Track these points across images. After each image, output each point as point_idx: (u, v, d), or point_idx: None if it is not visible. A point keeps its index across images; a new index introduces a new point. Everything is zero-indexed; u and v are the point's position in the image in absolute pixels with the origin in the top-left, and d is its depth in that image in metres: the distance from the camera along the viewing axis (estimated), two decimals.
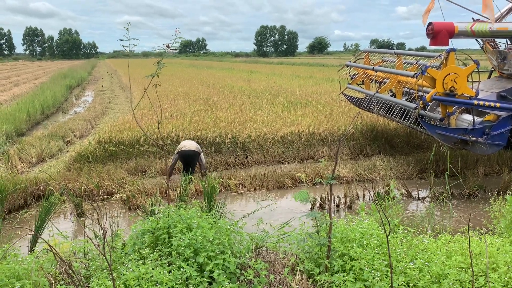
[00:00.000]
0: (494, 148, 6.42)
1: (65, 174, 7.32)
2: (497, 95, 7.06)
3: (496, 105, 6.44)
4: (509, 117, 6.46)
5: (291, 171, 7.75)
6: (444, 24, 6.48)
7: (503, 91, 7.11)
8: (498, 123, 6.43)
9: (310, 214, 3.64)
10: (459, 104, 6.61)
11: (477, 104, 6.38)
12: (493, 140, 6.43)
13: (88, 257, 3.70)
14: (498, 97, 7.02)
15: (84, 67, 50.38)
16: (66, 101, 19.73)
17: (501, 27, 6.46)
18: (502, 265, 3.36)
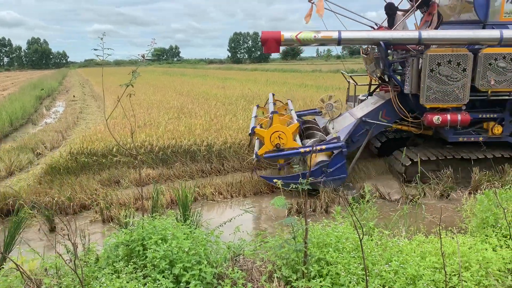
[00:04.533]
0: (338, 181, 7.01)
1: (36, 188, 7.13)
2: (359, 121, 7.50)
3: (322, 147, 7.08)
4: (340, 153, 6.98)
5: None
6: (271, 33, 6.87)
7: (365, 115, 7.58)
8: (332, 161, 6.99)
9: (287, 220, 3.64)
10: (288, 156, 7.25)
11: (303, 152, 7.06)
12: (334, 175, 6.96)
13: (60, 273, 3.59)
14: (360, 123, 7.49)
15: (54, 77, 49.38)
16: (36, 112, 19.25)
17: (325, 35, 6.79)
18: (474, 263, 3.43)
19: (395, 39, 6.90)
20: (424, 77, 6.79)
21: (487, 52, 6.71)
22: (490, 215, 4.41)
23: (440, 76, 6.75)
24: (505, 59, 6.66)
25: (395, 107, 7.42)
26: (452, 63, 6.71)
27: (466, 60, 6.69)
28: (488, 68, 6.73)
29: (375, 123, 7.52)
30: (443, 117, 6.94)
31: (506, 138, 7.27)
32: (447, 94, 6.82)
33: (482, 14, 7.16)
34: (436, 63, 6.72)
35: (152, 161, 8.50)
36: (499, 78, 6.75)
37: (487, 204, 4.53)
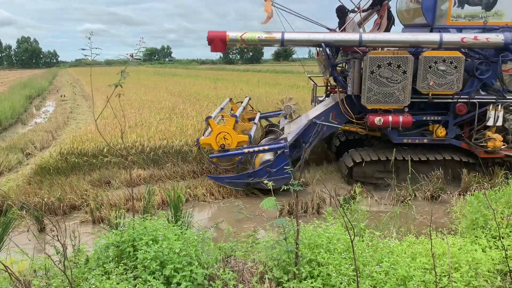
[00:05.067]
0: (283, 181, 6.93)
1: (25, 188, 7.06)
2: (310, 122, 7.58)
3: (265, 148, 7.31)
4: (282, 153, 7.13)
5: None
6: (217, 33, 7.04)
7: (316, 117, 7.66)
8: (276, 161, 7.14)
9: (278, 221, 3.64)
10: (233, 156, 7.47)
11: (247, 152, 7.26)
12: (278, 175, 7.10)
13: (50, 274, 3.55)
14: (311, 125, 7.57)
15: (44, 77, 48.93)
16: (25, 112, 19.06)
17: (268, 36, 6.94)
18: (464, 264, 3.46)
19: (336, 41, 7.04)
20: (365, 78, 6.91)
21: (427, 55, 6.83)
22: (480, 216, 4.45)
23: (381, 78, 6.87)
24: (445, 62, 6.76)
25: (341, 108, 7.52)
26: (393, 65, 6.82)
27: (407, 63, 6.81)
28: (428, 71, 6.82)
29: (326, 125, 7.59)
30: (384, 118, 7.06)
31: (450, 141, 7.34)
32: (388, 95, 6.94)
33: (429, 17, 7.28)
34: (376, 65, 6.84)
35: (143, 162, 8.46)
36: (439, 81, 6.85)
37: (476, 206, 4.57)
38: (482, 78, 6.99)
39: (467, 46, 6.78)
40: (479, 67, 6.97)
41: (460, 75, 6.79)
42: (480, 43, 6.71)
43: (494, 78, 7.03)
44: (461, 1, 7.14)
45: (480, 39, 6.65)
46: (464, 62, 6.87)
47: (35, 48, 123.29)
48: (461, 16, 7.21)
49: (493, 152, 7.04)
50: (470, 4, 7.15)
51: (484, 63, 6.96)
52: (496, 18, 7.15)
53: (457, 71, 6.76)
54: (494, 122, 7.01)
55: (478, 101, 7.08)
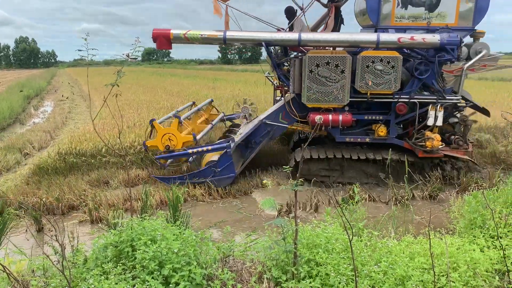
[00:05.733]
0: (227, 180, 7.29)
1: (23, 188, 7.04)
2: (259, 122, 7.72)
3: (208, 148, 7.41)
4: (225, 153, 7.20)
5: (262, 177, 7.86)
6: (161, 31, 7.26)
7: (266, 117, 7.77)
8: (220, 161, 7.20)
9: (276, 221, 3.64)
10: (178, 156, 7.61)
11: (191, 153, 7.39)
12: (222, 174, 7.22)
13: (48, 274, 3.55)
14: (261, 125, 7.71)
15: (43, 77, 48.83)
16: (24, 112, 19.02)
17: (211, 34, 7.13)
18: (462, 264, 3.47)
19: (276, 40, 7.20)
20: (305, 77, 7.04)
21: (364, 55, 6.93)
22: (478, 216, 4.46)
23: (320, 77, 7.01)
24: (382, 62, 6.86)
25: (286, 107, 7.61)
26: (331, 65, 6.95)
27: (345, 62, 6.93)
28: (366, 70, 6.92)
29: (276, 125, 7.70)
30: (325, 117, 7.20)
31: (392, 140, 7.42)
32: (327, 94, 7.08)
33: (374, 18, 7.39)
34: (315, 64, 6.96)
35: (141, 162, 8.45)
36: (376, 80, 6.95)
37: (474, 205, 4.58)
38: (421, 78, 7.09)
39: (404, 46, 6.88)
40: (418, 67, 7.07)
41: (398, 75, 6.91)
42: (416, 43, 6.80)
43: (434, 78, 7.13)
44: (404, 2, 7.24)
45: (416, 39, 6.74)
46: (405, 62, 7.08)
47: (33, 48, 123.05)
48: (405, 17, 7.32)
49: (432, 152, 7.12)
50: (413, 5, 7.26)
51: (423, 63, 7.06)
52: (440, 19, 7.25)
53: (395, 70, 6.88)
54: (434, 122, 7.10)
55: (419, 101, 7.20)
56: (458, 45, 6.73)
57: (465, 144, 7.29)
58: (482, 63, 7.31)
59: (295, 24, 8.11)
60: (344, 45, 7.19)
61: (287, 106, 7.58)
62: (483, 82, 28.74)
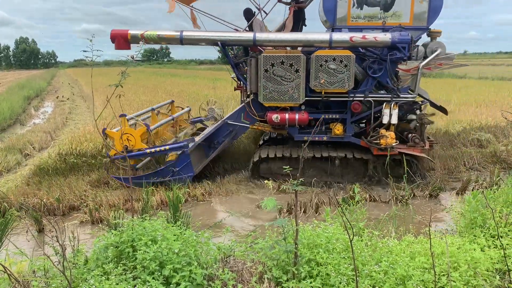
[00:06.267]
0: (186, 179, 7.32)
1: (24, 189, 7.04)
2: (222, 123, 7.77)
3: (166, 148, 7.41)
4: (183, 153, 7.25)
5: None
6: (119, 31, 7.31)
7: (228, 117, 7.84)
8: (178, 160, 7.25)
9: (277, 221, 3.64)
10: (136, 156, 7.60)
11: (149, 152, 7.41)
12: (181, 174, 7.27)
13: (49, 275, 3.55)
14: (224, 125, 7.76)
15: (43, 77, 48.86)
16: (24, 113, 19.03)
17: (168, 34, 7.20)
18: (462, 264, 3.47)
19: (232, 40, 7.28)
20: (261, 77, 7.13)
21: (318, 54, 7.00)
22: (478, 215, 4.46)
23: (275, 76, 7.10)
24: (335, 61, 6.94)
25: (246, 107, 7.66)
26: (285, 64, 7.03)
27: (299, 62, 7.01)
28: (320, 69, 6.99)
29: (238, 125, 7.74)
30: (281, 116, 7.28)
31: (349, 138, 7.48)
32: (282, 93, 7.17)
33: (331, 18, 7.45)
34: (270, 63, 7.05)
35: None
36: (330, 79, 7.02)
37: (475, 205, 4.58)
38: (375, 76, 7.16)
39: (357, 45, 6.94)
40: (372, 66, 7.14)
41: (351, 74, 6.98)
42: (368, 42, 6.87)
43: (387, 77, 7.18)
44: (360, 2, 7.31)
45: (368, 38, 6.81)
46: (362, 62, 7.18)
47: (33, 48, 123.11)
48: (361, 17, 7.39)
49: (386, 149, 7.15)
50: (368, 5, 7.32)
51: (376, 62, 7.13)
52: (395, 19, 7.32)
53: (348, 69, 6.96)
54: (388, 120, 7.16)
55: (374, 99, 7.28)
56: (409, 44, 6.83)
57: (421, 142, 7.35)
58: (438, 61, 7.39)
59: (254, 25, 8.15)
60: (299, 44, 7.30)
61: (247, 106, 7.65)
62: (483, 81, 28.74)
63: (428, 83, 26.16)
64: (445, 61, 7.36)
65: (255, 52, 7.77)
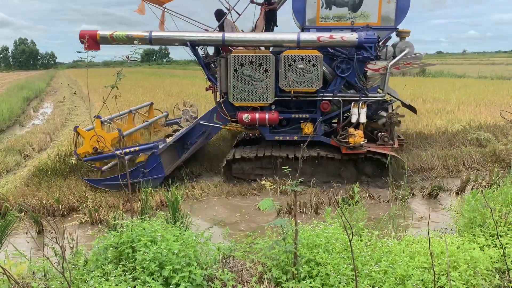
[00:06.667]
0: (157, 181, 7.24)
1: (23, 190, 7.03)
2: (195, 123, 7.82)
3: (136, 149, 7.33)
4: (152, 154, 7.15)
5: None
6: (88, 31, 7.34)
7: (201, 118, 7.88)
8: (148, 161, 7.18)
9: (277, 221, 3.64)
10: (105, 158, 7.50)
11: (119, 154, 7.27)
12: (151, 175, 7.18)
13: (48, 276, 3.55)
14: (196, 126, 7.81)
15: (42, 78, 48.82)
16: (23, 114, 19.01)
17: (136, 35, 7.19)
18: (462, 263, 3.47)
19: (201, 40, 7.31)
20: (230, 77, 7.18)
21: (286, 54, 7.05)
22: (478, 215, 4.46)
23: (244, 76, 7.16)
24: (303, 60, 6.99)
25: (218, 108, 7.69)
26: (254, 64, 7.09)
27: (268, 62, 7.07)
28: (288, 69, 7.05)
29: (211, 126, 7.78)
30: (252, 115, 7.33)
31: (320, 138, 7.53)
32: (252, 93, 7.22)
33: (300, 19, 7.51)
34: (239, 63, 7.10)
35: None
36: (299, 79, 7.07)
37: (474, 204, 4.58)
38: (343, 76, 7.23)
39: (324, 44, 6.98)
40: (340, 66, 7.21)
41: (319, 73, 7.03)
42: (335, 42, 6.92)
43: (355, 76, 7.24)
44: (328, 2, 7.36)
45: (335, 38, 6.87)
46: (331, 62, 7.24)
47: (32, 49, 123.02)
48: (330, 17, 7.45)
49: (355, 148, 7.21)
50: (337, 5, 7.38)
51: (344, 62, 7.19)
52: (363, 19, 7.40)
53: (316, 69, 7.02)
54: (357, 118, 7.25)
55: (342, 98, 7.35)
56: (375, 43, 6.89)
57: (390, 140, 7.40)
58: (406, 61, 7.42)
59: (225, 25, 8.17)
60: (267, 44, 7.34)
61: (218, 107, 7.68)
62: (482, 80, 28.75)
63: (427, 82, 26.21)
64: (413, 60, 7.42)
65: (226, 52, 7.78)
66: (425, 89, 21.49)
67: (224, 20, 8.20)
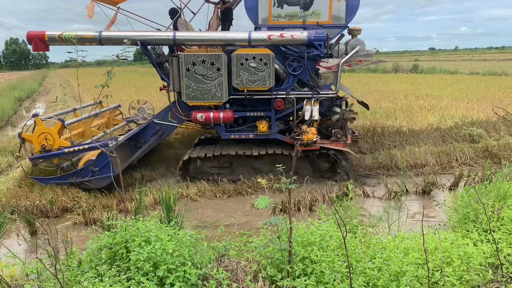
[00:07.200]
0: (105, 180, 7.12)
1: (16, 191, 6.99)
2: (148, 122, 7.81)
3: (85, 147, 7.26)
4: (102, 152, 7.04)
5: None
6: (36, 32, 7.27)
7: (155, 116, 7.89)
8: (97, 160, 7.11)
9: (271, 220, 3.64)
10: (54, 156, 7.38)
11: (67, 152, 7.30)
12: (101, 174, 7.11)
13: (42, 278, 3.52)
14: (150, 124, 7.78)
15: (34, 78, 48.46)
16: (15, 114, 18.87)
17: (86, 35, 7.20)
18: (456, 259, 3.49)
19: (152, 40, 7.29)
20: (183, 76, 7.17)
21: (238, 53, 7.09)
22: (471, 210, 4.48)
23: (197, 75, 7.16)
24: (255, 59, 7.04)
25: (172, 107, 7.68)
26: (206, 63, 7.10)
27: (220, 60, 7.09)
28: (241, 68, 7.09)
29: (166, 124, 7.76)
30: (206, 114, 7.35)
31: (275, 135, 7.61)
32: (205, 92, 7.24)
33: (253, 18, 7.56)
34: (191, 62, 7.10)
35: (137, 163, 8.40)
36: (251, 77, 7.11)
37: (467, 200, 4.61)
38: (295, 74, 7.32)
39: (275, 43, 7.05)
40: (291, 64, 7.30)
41: (271, 71, 7.08)
42: (286, 40, 7.00)
43: (307, 74, 7.33)
44: (280, 1, 7.42)
45: (285, 36, 6.95)
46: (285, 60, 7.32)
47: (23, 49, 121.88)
48: (282, 16, 7.50)
49: (308, 145, 7.30)
50: (288, 4, 7.43)
51: (296, 60, 7.29)
52: (314, 17, 7.47)
53: (268, 67, 7.06)
54: (310, 116, 7.32)
55: (295, 96, 7.43)
56: (325, 41, 6.98)
57: (343, 137, 7.50)
58: (357, 58, 7.50)
59: (179, 24, 8.16)
60: (219, 43, 7.33)
61: (173, 106, 7.67)
62: (474, 76, 28.92)
63: (420, 79, 26.32)
64: (364, 57, 7.50)
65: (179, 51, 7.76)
66: (418, 86, 21.59)
67: (177, 19, 8.18)
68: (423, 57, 72.70)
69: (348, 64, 7.43)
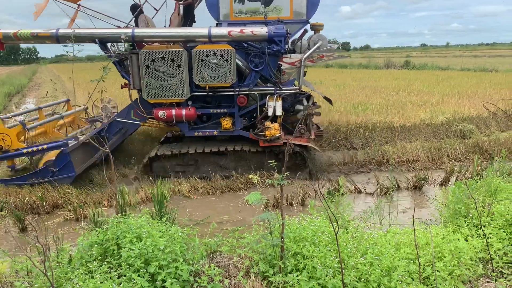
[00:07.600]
0: (67, 179, 6.99)
1: (5, 188, 6.91)
2: (111, 120, 7.74)
3: (43, 147, 7.07)
4: (61, 152, 6.90)
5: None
6: None
7: (117, 114, 7.83)
8: (57, 159, 6.94)
9: (263, 215, 3.63)
10: (12, 157, 7.30)
11: (26, 153, 7.17)
12: (62, 174, 6.97)
13: (32, 275, 3.49)
14: (113, 123, 7.72)
15: (24, 73, 47.97)
16: (5, 110, 18.64)
17: (42, 33, 7.08)
18: (447, 253, 3.51)
19: (109, 37, 7.19)
20: (142, 73, 7.09)
21: (199, 49, 7.05)
22: (462, 206, 4.52)
23: (157, 72, 7.08)
24: (216, 55, 7.02)
25: (134, 105, 7.62)
26: (166, 59, 7.03)
27: (180, 57, 7.02)
28: (202, 64, 7.05)
29: (128, 122, 7.70)
30: (168, 112, 7.28)
31: (238, 132, 7.60)
32: (166, 89, 7.17)
33: (214, 14, 7.55)
34: (151, 59, 7.03)
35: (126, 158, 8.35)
36: (213, 73, 7.10)
37: (458, 195, 4.64)
38: (257, 70, 7.32)
39: (236, 39, 7.02)
40: (253, 60, 7.29)
41: (233, 68, 7.06)
42: (246, 36, 6.97)
43: (269, 70, 7.34)
44: None
45: (245, 32, 6.92)
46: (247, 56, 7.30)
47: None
48: (243, 12, 7.51)
49: (271, 141, 7.32)
50: (250, 0, 7.44)
51: (257, 56, 7.28)
52: (276, 13, 7.49)
53: (229, 63, 7.04)
54: (272, 112, 7.32)
55: (258, 92, 7.44)
56: (285, 37, 6.96)
57: (307, 132, 7.53)
58: (320, 54, 7.53)
59: (140, 21, 8.07)
60: (178, 39, 7.25)
61: (134, 104, 7.60)
62: (465, 72, 29.10)
63: (411, 75, 26.44)
64: (327, 53, 7.52)
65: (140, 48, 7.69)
66: (410, 82, 21.68)
67: (138, 15, 8.07)
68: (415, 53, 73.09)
69: (311, 59, 7.44)
